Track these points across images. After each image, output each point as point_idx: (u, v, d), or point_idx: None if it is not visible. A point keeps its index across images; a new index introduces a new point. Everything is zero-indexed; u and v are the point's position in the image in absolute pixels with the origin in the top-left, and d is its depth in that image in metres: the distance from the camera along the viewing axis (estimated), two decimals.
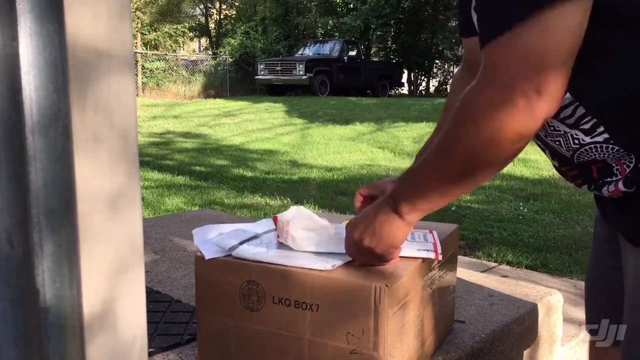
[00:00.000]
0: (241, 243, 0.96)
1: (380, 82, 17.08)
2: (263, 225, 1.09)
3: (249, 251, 0.93)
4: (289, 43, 19.86)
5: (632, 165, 0.75)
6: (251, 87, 17.90)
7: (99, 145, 0.48)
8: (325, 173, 5.80)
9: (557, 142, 0.81)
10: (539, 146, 0.88)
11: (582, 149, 0.78)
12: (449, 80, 21.20)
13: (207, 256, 0.95)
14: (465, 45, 1.03)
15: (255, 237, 1.01)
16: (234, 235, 1.01)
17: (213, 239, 1.00)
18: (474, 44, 0.86)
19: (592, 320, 1.01)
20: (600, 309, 0.99)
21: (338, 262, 0.91)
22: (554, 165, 0.89)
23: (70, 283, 0.41)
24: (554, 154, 0.85)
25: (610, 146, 0.75)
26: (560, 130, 0.79)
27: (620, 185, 0.76)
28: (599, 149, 0.76)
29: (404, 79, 18.88)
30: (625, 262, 0.85)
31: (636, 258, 0.79)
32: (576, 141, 0.78)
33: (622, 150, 0.75)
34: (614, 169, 0.77)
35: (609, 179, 0.79)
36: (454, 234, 1.16)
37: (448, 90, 1.07)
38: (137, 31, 18.46)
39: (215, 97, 16.68)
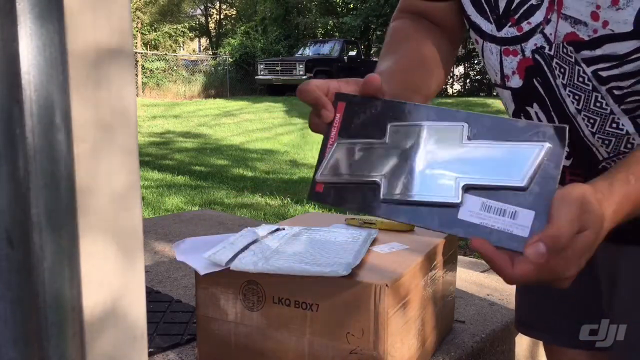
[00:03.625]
0: (236, 255, 0.93)
1: None
2: (247, 236, 1.03)
3: (249, 263, 0.90)
4: (289, 43, 19.86)
5: None
6: (251, 87, 17.90)
7: (99, 145, 0.48)
8: None
9: (607, 142, 0.73)
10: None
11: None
12: (448, 80, 21.16)
13: (202, 272, 0.92)
14: (425, 5, 0.90)
15: (246, 247, 0.97)
16: (228, 249, 0.96)
17: (205, 254, 0.95)
18: (444, 7, 0.84)
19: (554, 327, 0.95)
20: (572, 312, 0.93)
21: (351, 264, 0.87)
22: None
23: (70, 283, 0.41)
24: (582, 157, 0.76)
25: None
26: (623, 130, 0.71)
27: None
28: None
29: None
30: (612, 265, 0.83)
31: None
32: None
33: None
34: None
35: None
36: None
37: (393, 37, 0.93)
38: (137, 31, 18.47)
39: (215, 97, 16.69)
